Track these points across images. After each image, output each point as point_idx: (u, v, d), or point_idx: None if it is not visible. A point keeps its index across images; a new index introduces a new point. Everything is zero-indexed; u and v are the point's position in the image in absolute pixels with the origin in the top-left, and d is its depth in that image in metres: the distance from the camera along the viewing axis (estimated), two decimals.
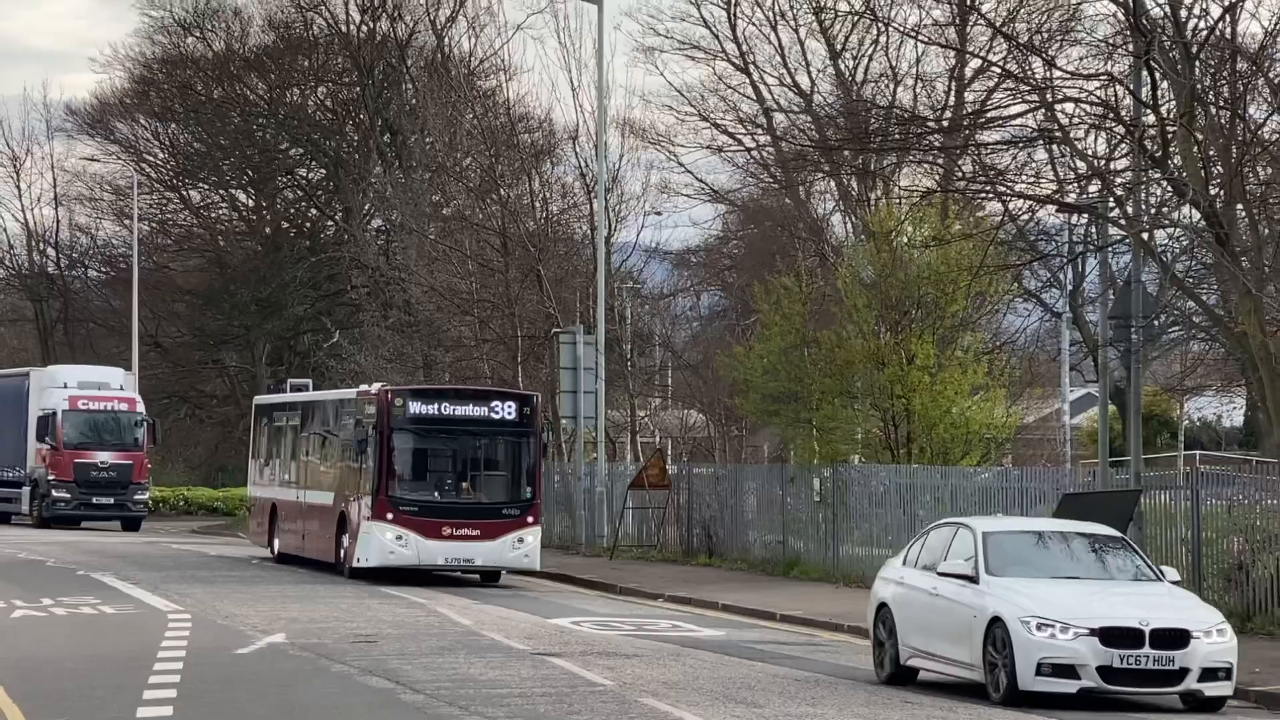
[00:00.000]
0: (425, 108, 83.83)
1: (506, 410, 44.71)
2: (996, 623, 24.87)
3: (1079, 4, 45.36)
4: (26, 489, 67.61)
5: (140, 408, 68.96)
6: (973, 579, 25.91)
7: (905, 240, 53.60)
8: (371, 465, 43.05)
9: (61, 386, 67.23)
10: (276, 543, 51.31)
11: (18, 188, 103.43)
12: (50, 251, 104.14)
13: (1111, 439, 45.80)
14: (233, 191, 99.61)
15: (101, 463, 65.69)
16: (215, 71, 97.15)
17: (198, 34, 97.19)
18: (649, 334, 75.46)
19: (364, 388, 46.99)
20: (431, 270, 72.65)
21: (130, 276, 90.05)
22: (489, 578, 45.22)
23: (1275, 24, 38.67)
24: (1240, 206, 37.92)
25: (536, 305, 64.70)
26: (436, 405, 44.98)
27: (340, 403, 48.82)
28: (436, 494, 44.34)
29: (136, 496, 67.19)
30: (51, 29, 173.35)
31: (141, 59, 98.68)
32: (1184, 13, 38.36)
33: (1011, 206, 47.17)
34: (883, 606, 28.20)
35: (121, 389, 69.81)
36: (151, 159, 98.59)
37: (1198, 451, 53.50)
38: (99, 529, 65.25)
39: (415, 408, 44.01)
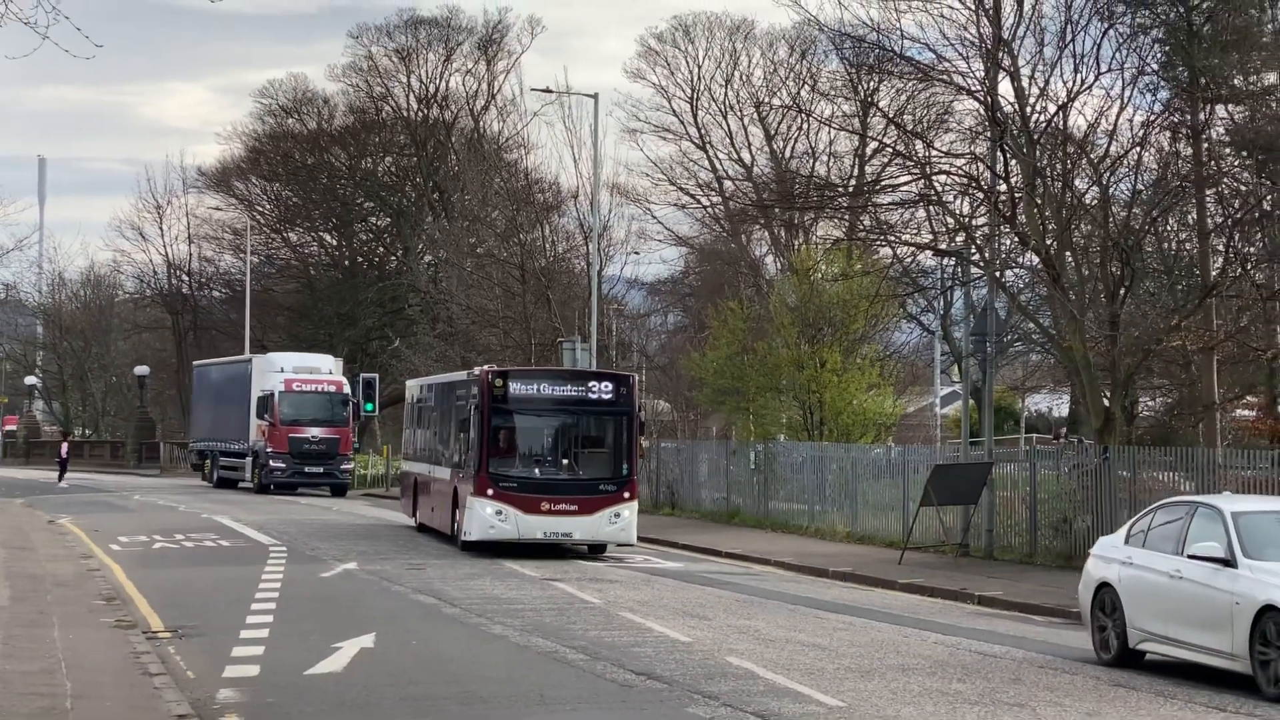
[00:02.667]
0: (465, 173, 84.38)
1: (604, 390, 37.17)
2: (1269, 612, 18.78)
3: (951, 101, 45.55)
4: (249, 459, 64.27)
5: (346, 389, 64.03)
6: (1228, 563, 19.82)
7: (820, 275, 53.70)
8: (474, 443, 36.23)
9: (279, 371, 63.28)
10: (418, 514, 44.17)
11: (160, 229, 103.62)
12: (184, 277, 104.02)
13: (970, 425, 46.00)
14: (321, 234, 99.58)
15: (313, 437, 61.49)
16: (308, 144, 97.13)
17: (296, 116, 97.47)
18: (629, 343, 75.35)
19: (473, 370, 39.49)
20: (468, 294, 72.90)
21: (244, 296, 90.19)
22: (595, 549, 37.37)
23: (1096, 119, 38.89)
24: (1068, 254, 38.10)
25: (546, 321, 64.78)
26: (535, 385, 37.68)
27: (455, 384, 41.38)
28: (536, 471, 36.71)
29: (343, 466, 62.80)
30: (187, 113, 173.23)
31: (254, 134, 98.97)
32: (1028, 109, 38.57)
33: (899, 251, 47.45)
34: (1104, 587, 21.91)
35: (330, 373, 65.35)
36: (261, 209, 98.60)
37: (1034, 435, 53.76)
38: (311, 494, 61.77)
39: (515, 388, 36.72)
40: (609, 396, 36.78)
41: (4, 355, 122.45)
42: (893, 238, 47.04)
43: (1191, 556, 20.07)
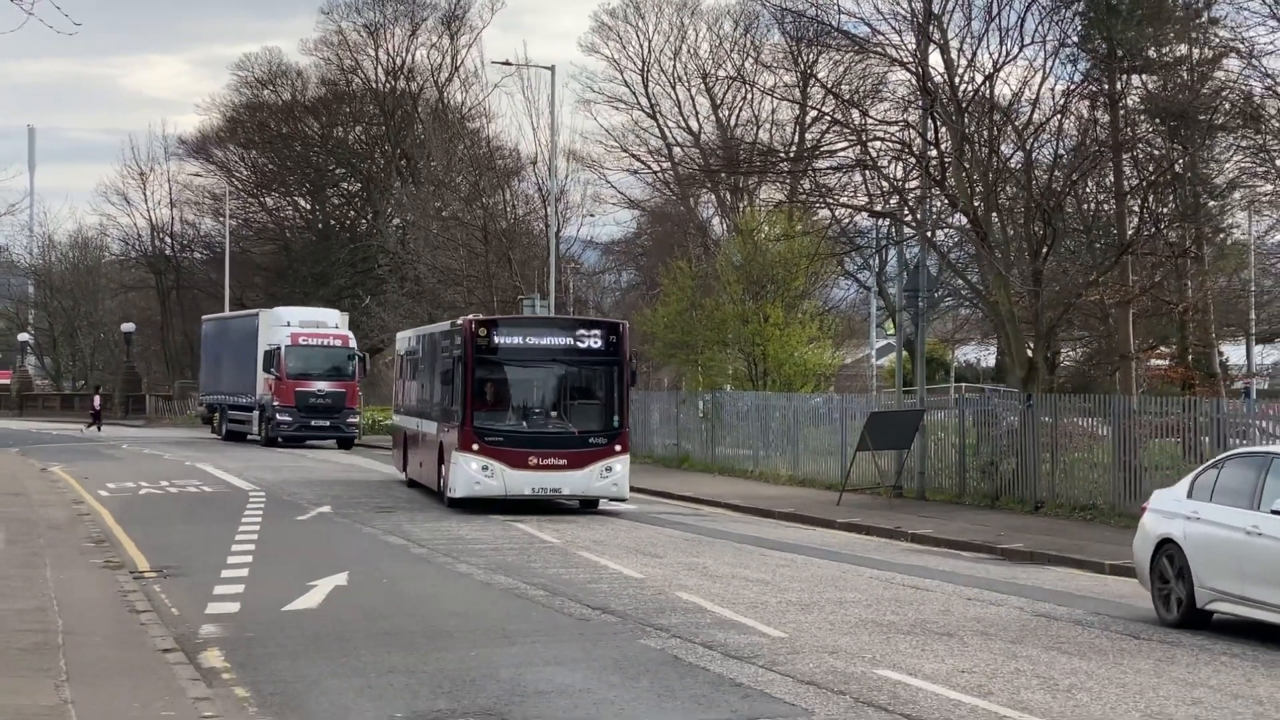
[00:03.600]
0: (430, 142, 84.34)
1: (592, 338, 33.16)
2: None
3: (885, 72, 45.39)
4: (256, 413, 61.25)
5: (353, 344, 61.29)
6: None
7: (763, 236, 53.82)
8: (459, 396, 32.33)
9: (285, 325, 59.90)
10: (407, 469, 40.34)
11: (144, 194, 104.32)
12: (167, 240, 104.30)
13: (904, 375, 46.16)
14: (295, 198, 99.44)
15: (319, 391, 58.11)
16: (283, 114, 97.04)
17: (271, 88, 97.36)
18: (585, 300, 75.27)
19: (457, 320, 35.45)
20: (434, 255, 72.78)
21: (224, 257, 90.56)
22: (587, 504, 33.64)
23: (1020, 88, 38.98)
24: (995, 215, 38.20)
25: (507, 279, 64.71)
26: (521, 335, 33.51)
27: (439, 335, 36.95)
28: (523, 424, 32.66)
29: (349, 420, 59.47)
30: (167, 84, 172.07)
31: (231, 105, 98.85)
32: (957, 79, 38.62)
33: (837, 213, 47.51)
34: (1166, 543, 19.03)
35: (336, 327, 61.68)
36: (238, 175, 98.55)
37: (963, 384, 54.03)
38: (318, 447, 58.42)
39: (499, 338, 32.71)
40: (599, 345, 33.07)
41: None
42: (831, 200, 47.04)
43: (1276, 513, 17.25)
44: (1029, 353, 37.64)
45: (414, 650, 16.55)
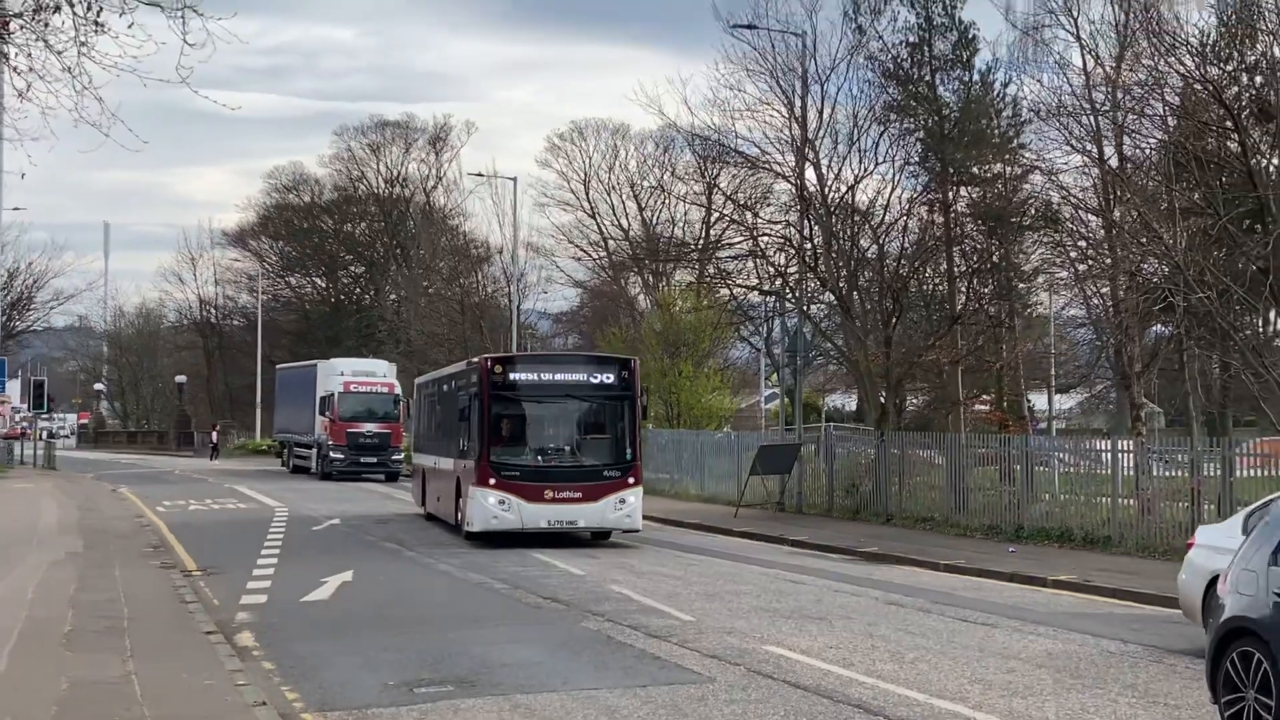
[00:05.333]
0: (420, 235, 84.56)
1: (605, 374, 27.87)
2: None
3: (772, 183, 45.77)
4: (314, 450, 56.60)
5: (398, 390, 55.84)
6: None
7: (678, 309, 54.00)
8: (475, 432, 27.18)
9: (339, 374, 55.63)
10: (426, 503, 34.39)
11: (194, 275, 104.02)
12: (212, 310, 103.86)
13: (786, 417, 46.26)
14: (314, 278, 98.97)
15: (367, 432, 53.68)
16: (304, 213, 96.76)
17: (294, 192, 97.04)
18: None
19: (472, 359, 30.37)
20: (422, 322, 72.88)
21: (257, 324, 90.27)
22: (599, 536, 28.16)
23: (875, 196, 39.35)
24: (855, 293, 38.48)
25: (479, 342, 64.29)
26: (535, 372, 28.16)
27: (455, 375, 31.62)
28: (538, 458, 27.29)
29: (394, 457, 54.02)
30: (213, 189, 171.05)
31: (263, 205, 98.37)
32: (827, 189, 38.95)
33: (734, 292, 47.68)
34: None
35: (384, 376, 57.24)
36: (268, 261, 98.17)
37: (831, 424, 54.15)
38: (369, 479, 52.92)
39: (514, 375, 27.47)
40: (611, 380, 27.72)
41: (78, 367, 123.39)
42: (729, 282, 47.22)
43: None
44: (881, 399, 37.91)
45: (404, 633, 16.48)
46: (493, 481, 26.40)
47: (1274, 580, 10.60)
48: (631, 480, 27.15)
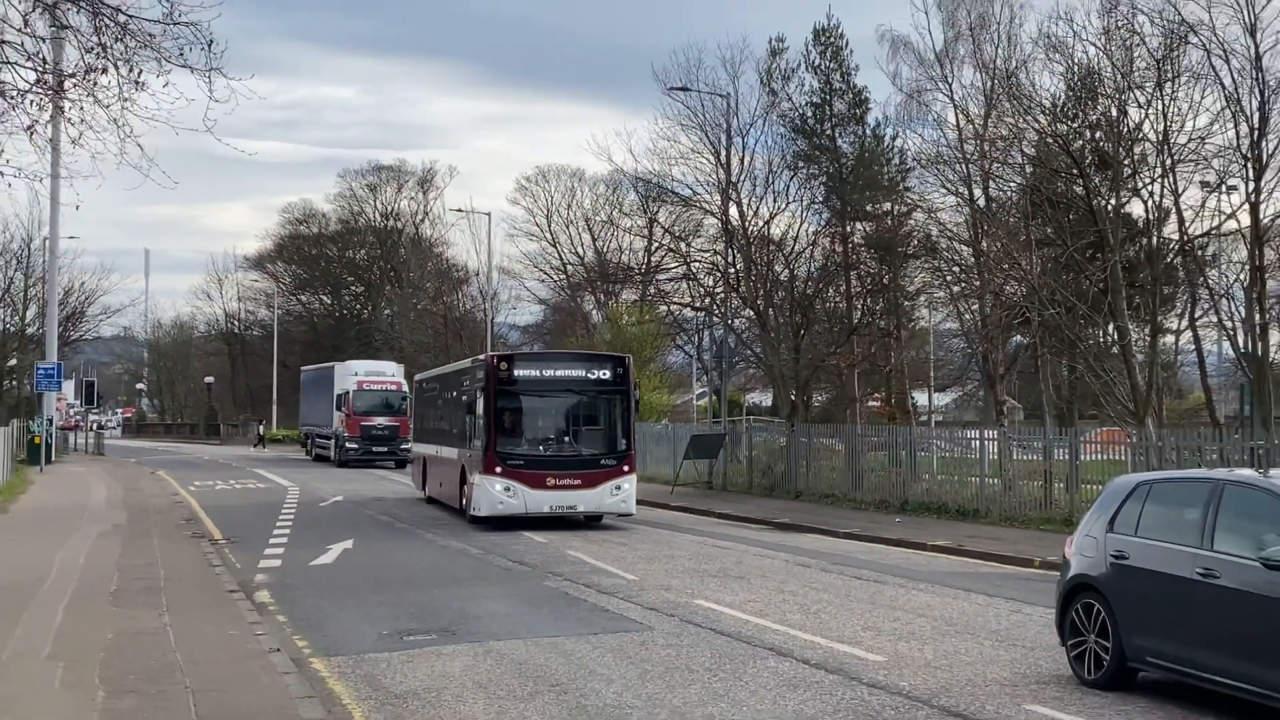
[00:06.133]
0: (410, 260, 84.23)
1: (601, 371, 25.76)
2: None
3: (702, 218, 45.79)
4: (333, 441, 53.69)
5: (405, 388, 52.04)
6: None
7: (624, 322, 53.95)
8: (482, 424, 25.05)
9: (354, 374, 53.31)
10: (426, 488, 32.14)
11: (220, 294, 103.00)
12: (235, 323, 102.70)
13: (714, 412, 46.31)
14: (321, 296, 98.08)
15: (378, 424, 51.47)
16: (313, 242, 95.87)
17: (305, 225, 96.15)
18: None
19: (478, 356, 28.21)
20: (411, 333, 72.50)
21: (273, 335, 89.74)
22: (592, 518, 26.07)
23: (786, 229, 39.52)
24: (770, 310, 38.60)
25: (459, 350, 63.98)
26: (538, 368, 25.85)
27: (460, 371, 29.13)
28: (540, 448, 25.10)
29: (402, 446, 49.58)
30: (236, 221, 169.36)
31: (278, 235, 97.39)
32: (747, 223, 39.05)
33: (671, 308, 47.78)
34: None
35: (393, 376, 54.58)
36: (283, 282, 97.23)
37: (751, 417, 54.30)
38: (380, 466, 50.92)
39: (519, 371, 25.25)
40: (607, 376, 25.67)
41: (123, 370, 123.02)
42: (667, 300, 47.36)
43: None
44: (792, 397, 38.05)
45: (395, 591, 16.41)
46: (499, 470, 24.52)
47: (1110, 544, 10.77)
48: (626, 468, 25.23)
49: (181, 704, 9.55)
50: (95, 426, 76.32)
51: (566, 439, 25.55)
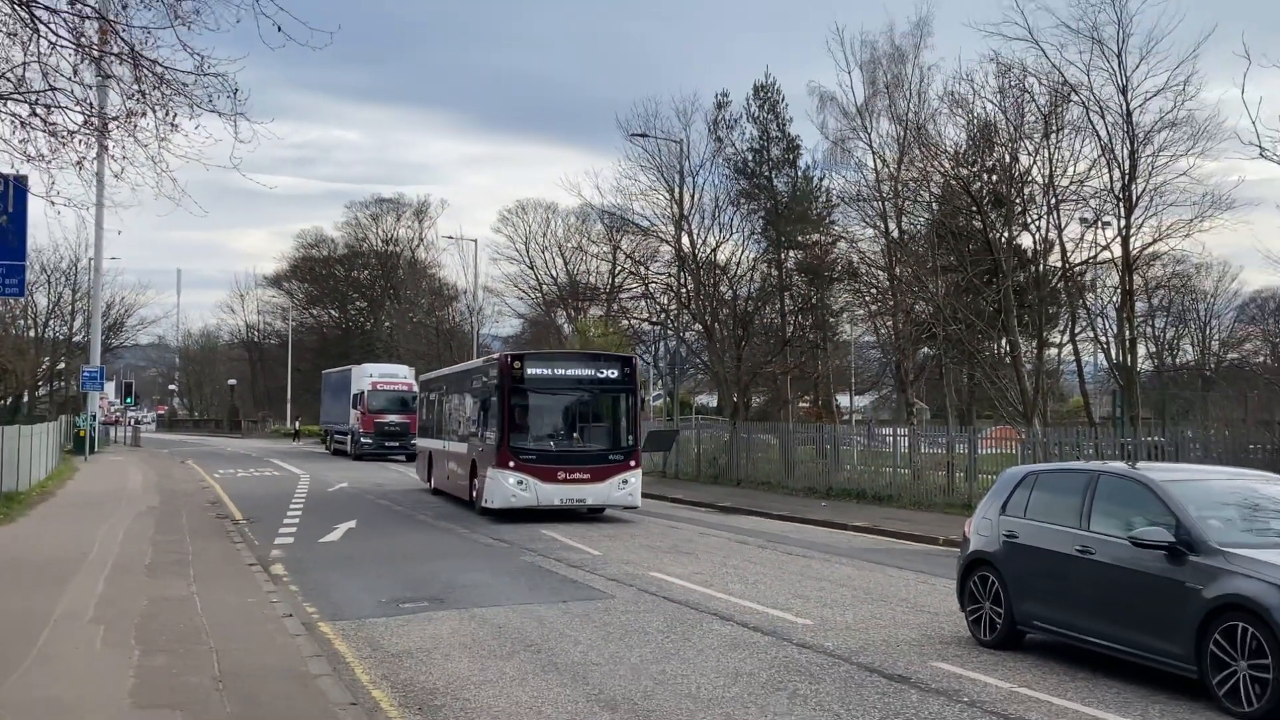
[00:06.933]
0: (407, 280, 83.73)
1: (610, 370, 23.34)
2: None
3: (659, 245, 45.82)
4: (349, 436, 51.39)
5: (415, 389, 48.07)
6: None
7: (591, 334, 53.78)
8: (495, 420, 22.72)
9: (369, 376, 51.03)
10: (432, 480, 29.49)
11: (242, 308, 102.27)
12: (255, 333, 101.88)
13: (668, 411, 46.28)
14: (330, 311, 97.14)
15: (390, 421, 49.08)
16: (323, 264, 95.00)
17: (316, 249, 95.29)
18: None
19: (491, 355, 25.85)
20: (408, 343, 72.00)
21: (288, 344, 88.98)
22: (595, 510, 23.58)
23: (730, 255, 39.59)
24: (716, 324, 38.65)
25: (450, 357, 63.64)
26: (550, 367, 23.30)
27: (471, 370, 26.60)
28: (551, 444, 22.77)
29: (412, 442, 44.78)
30: (256, 246, 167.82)
31: (294, 258, 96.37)
32: (697, 250, 39.11)
33: (632, 322, 47.77)
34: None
35: (405, 377, 52.05)
36: (297, 298, 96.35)
37: (700, 415, 54.28)
38: (393, 460, 48.13)
39: (531, 369, 22.88)
40: (615, 375, 23.31)
41: (157, 373, 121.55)
42: (628, 316, 47.37)
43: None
44: (734, 399, 38.11)
45: (393, 564, 16.30)
46: (512, 464, 22.29)
47: (1003, 525, 10.78)
48: (632, 463, 22.97)
49: (206, 661, 9.46)
50: (133, 422, 75.37)
51: (576, 435, 23.31)
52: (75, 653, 9.80)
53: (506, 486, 22.30)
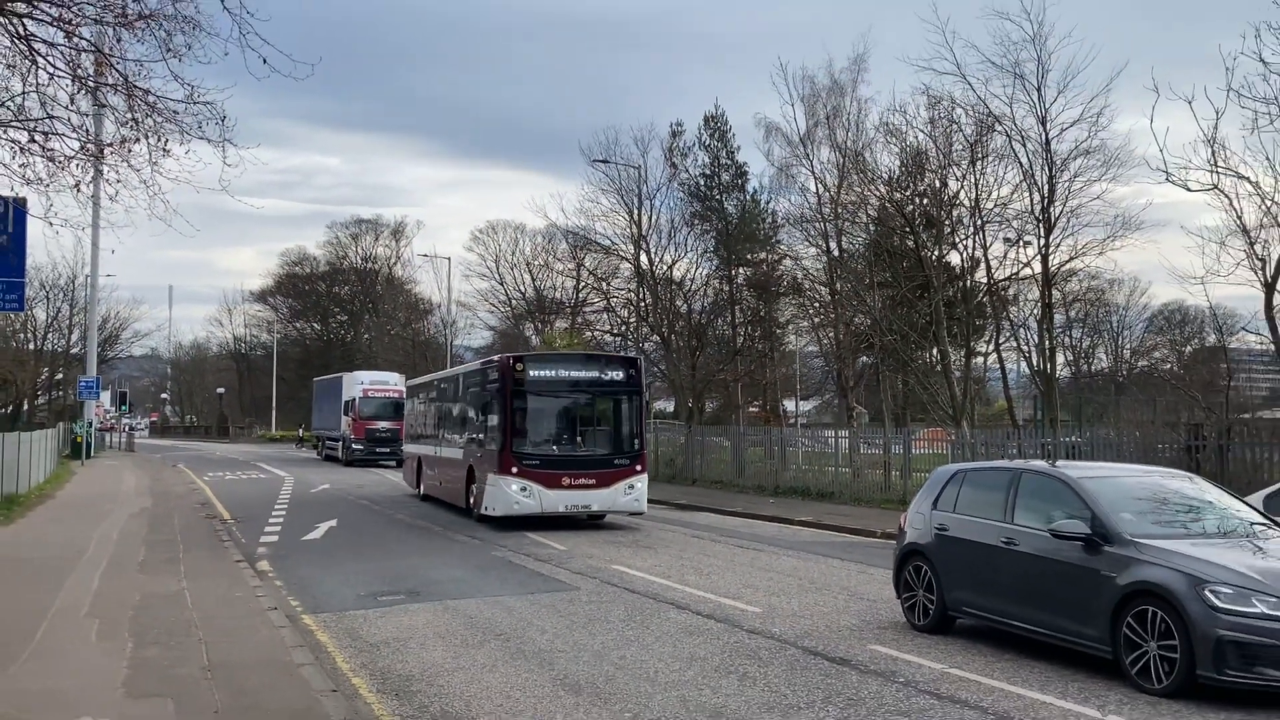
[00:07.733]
0: (385, 295, 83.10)
1: (615, 372, 20.63)
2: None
3: (620, 263, 45.87)
4: (340, 442, 48.61)
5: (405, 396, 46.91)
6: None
7: (557, 344, 53.70)
8: (497, 424, 20.27)
9: (360, 383, 48.56)
10: (421, 486, 26.94)
11: (230, 321, 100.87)
12: (242, 345, 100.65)
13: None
14: (312, 324, 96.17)
15: (381, 428, 46.36)
16: (306, 280, 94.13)
17: (299, 266, 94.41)
18: None
19: (492, 358, 22.77)
20: (386, 354, 71.41)
21: (273, 355, 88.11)
22: (595, 517, 21.50)
23: (685, 271, 39.73)
24: (673, 335, 38.72)
25: (426, 367, 63.35)
26: (553, 369, 20.63)
27: (467, 374, 23.58)
28: (555, 448, 20.24)
29: (401, 448, 40.38)
30: (243, 263, 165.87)
31: (278, 275, 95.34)
32: (655, 267, 39.17)
33: (595, 334, 47.70)
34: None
35: (395, 385, 48.79)
36: (281, 312, 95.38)
37: (659, 420, 54.27)
38: (383, 465, 45.64)
39: (534, 372, 20.31)
40: (620, 377, 20.69)
41: (150, 382, 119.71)
42: (591, 328, 47.28)
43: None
44: (690, 404, 38.15)
45: (372, 561, 16.15)
46: (515, 470, 19.91)
47: (934, 519, 10.83)
48: (639, 468, 20.68)
49: (196, 653, 9.32)
50: (127, 428, 74.17)
51: (580, 439, 20.73)
52: (71, 645, 9.63)
53: (509, 493, 19.99)
